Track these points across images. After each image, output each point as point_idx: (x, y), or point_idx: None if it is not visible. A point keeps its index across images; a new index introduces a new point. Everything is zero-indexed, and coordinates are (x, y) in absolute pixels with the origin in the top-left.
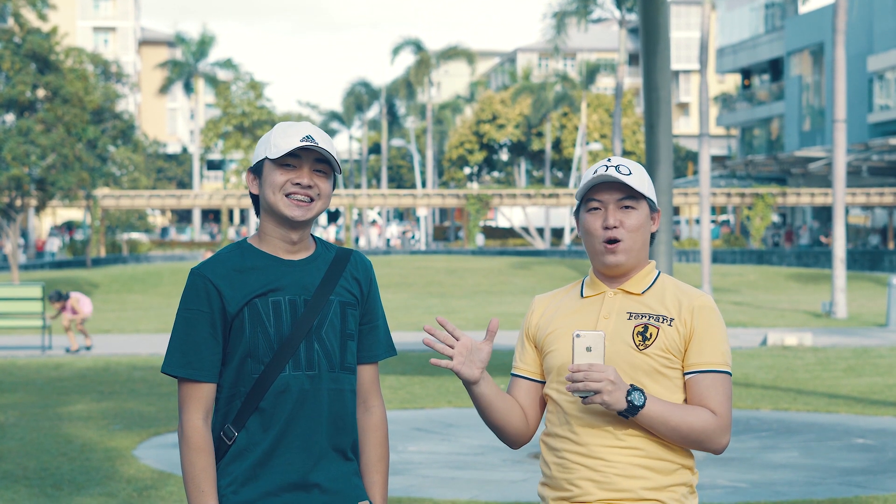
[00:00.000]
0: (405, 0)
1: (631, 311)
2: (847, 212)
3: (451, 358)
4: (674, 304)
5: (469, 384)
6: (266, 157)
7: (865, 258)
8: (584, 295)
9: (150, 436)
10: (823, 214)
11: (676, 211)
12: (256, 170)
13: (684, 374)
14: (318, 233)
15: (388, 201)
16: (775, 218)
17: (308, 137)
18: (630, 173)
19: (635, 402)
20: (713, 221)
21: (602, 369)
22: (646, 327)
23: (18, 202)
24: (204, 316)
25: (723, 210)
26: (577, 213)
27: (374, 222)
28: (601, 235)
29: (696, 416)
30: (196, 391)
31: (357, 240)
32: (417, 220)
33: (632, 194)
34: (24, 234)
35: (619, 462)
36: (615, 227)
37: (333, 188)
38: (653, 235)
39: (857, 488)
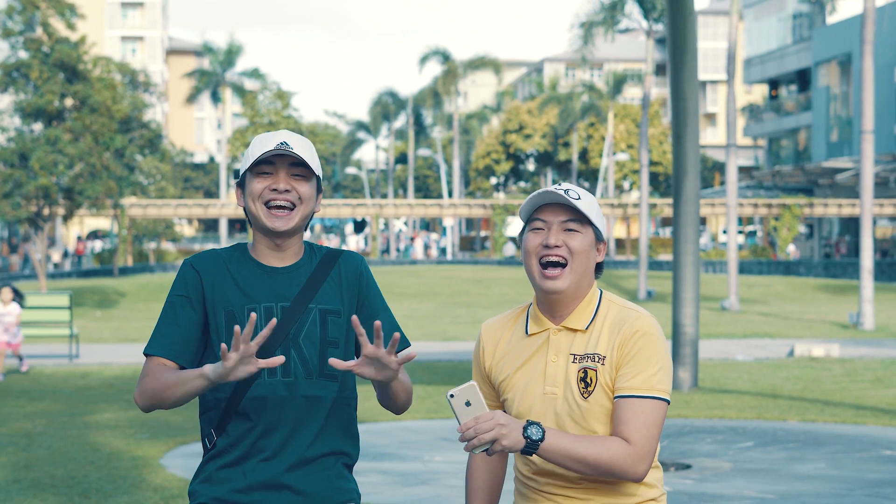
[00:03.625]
0: (432, 10)
1: (574, 353)
2: (875, 223)
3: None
4: (610, 337)
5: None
6: (246, 170)
7: (893, 270)
8: (528, 332)
9: (176, 445)
10: (851, 225)
11: (703, 222)
12: (241, 183)
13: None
14: (324, 244)
15: (415, 211)
16: (802, 229)
17: (283, 143)
18: (578, 198)
19: (533, 437)
20: (740, 232)
21: (489, 417)
22: (586, 372)
23: (46, 211)
24: (186, 301)
25: (749, 221)
26: (521, 235)
27: (411, 237)
28: (539, 253)
29: (605, 446)
30: (161, 366)
31: (406, 249)
32: (444, 229)
33: (577, 217)
34: (54, 242)
35: (576, 498)
36: (557, 246)
37: (319, 192)
38: (600, 267)
39: (885, 500)
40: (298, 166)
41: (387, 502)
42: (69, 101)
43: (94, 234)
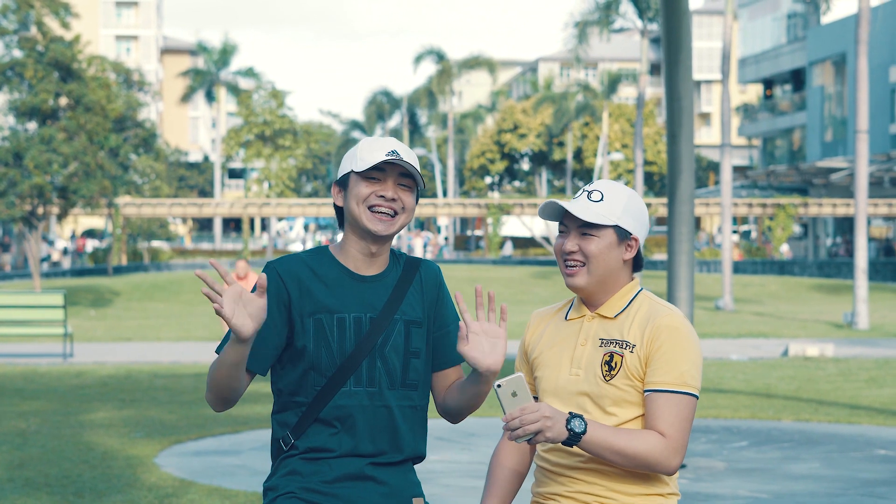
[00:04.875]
0: (427, 9)
1: (602, 338)
2: (869, 223)
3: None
4: (640, 327)
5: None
6: (352, 170)
7: (887, 269)
8: (568, 317)
9: (171, 444)
10: (845, 225)
11: (698, 222)
12: (342, 182)
13: (644, 393)
14: None
15: None
16: (797, 229)
17: (394, 152)
18: (600, 199)
19: (576, 430)
20: (735, 231)
21: (534, 408)
22: (612, 356)
23: (40, 210)
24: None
25: (744, 221)
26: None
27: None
28: (562, 256)
29: (642, 439)
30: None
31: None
32: (438, 228)
33: (586, 223)
34: (53, 241)
35: (585, 481)
36: (572, 251)
37: (416, 203)
38: (639, 262)
39: (879, 499)
40: (406, 177)
41: None
42: (63, 101)
43: (90, 234)
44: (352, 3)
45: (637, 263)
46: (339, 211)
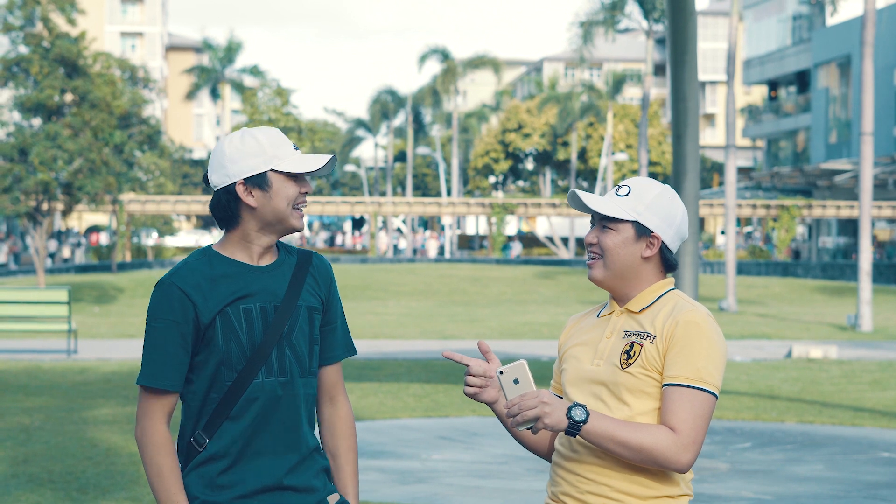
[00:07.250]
0: (431, 8)
1: (627, 330)
2: (873, 225)
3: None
4: (663, 320)
5: (491, 405)
6: (272, 170)
7: (891, 271)
8: (600, 315)
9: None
10: (849, 227)
11: (702, 223)
12: (256, 181)
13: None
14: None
15: (413, 209)
16: (800, 230)
17: (310, 151)
18: (626, 194)
19: (575, 418)
20: (738, 233)
21: (533, 395)
22: (632, 345)
23: (45, 206)
24: (176, 326)
25: (748, 222)
26: None
27: (429, 232)
28: (587, 248)
29: (649, 433)
30: (164, 399)
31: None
32: (442, 227)
33: (603, 216)
34: (58, 235)
35: (594, 481)
36: (592, 243)
37: None
38: (668, 262)
39: (882, 502)
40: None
41: (384, 500)
42: (69, 97)
43: (96, 230)
44: (356, 2)
45: (668, 264)
46: (232, 209)
